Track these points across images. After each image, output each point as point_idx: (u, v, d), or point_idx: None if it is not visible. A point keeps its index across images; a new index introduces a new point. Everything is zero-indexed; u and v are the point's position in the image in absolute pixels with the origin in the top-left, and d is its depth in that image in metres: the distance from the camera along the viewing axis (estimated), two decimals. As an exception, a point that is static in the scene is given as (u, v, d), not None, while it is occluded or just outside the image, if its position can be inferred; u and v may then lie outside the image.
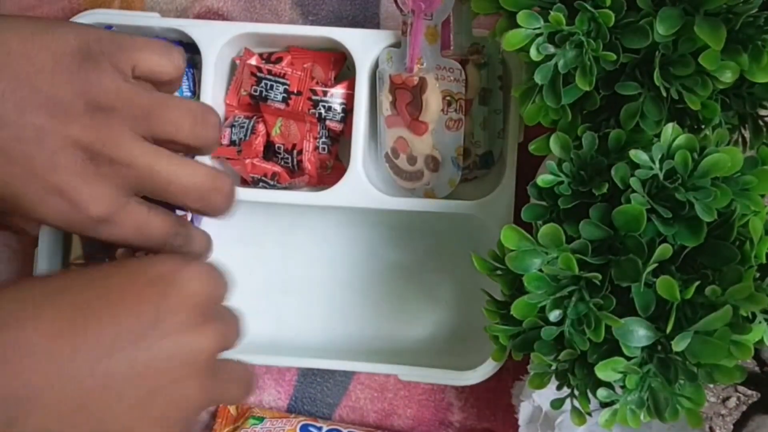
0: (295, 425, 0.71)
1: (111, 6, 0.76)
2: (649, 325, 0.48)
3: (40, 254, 0.72)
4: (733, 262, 0.48)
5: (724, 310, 0.46)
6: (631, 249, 0.49)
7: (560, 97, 0.53)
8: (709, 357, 0.47)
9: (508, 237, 0.50)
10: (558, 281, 0.50)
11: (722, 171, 0.49)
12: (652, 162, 0.49)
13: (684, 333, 0.47)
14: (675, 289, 0.47)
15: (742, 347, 0.47)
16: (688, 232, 0.49)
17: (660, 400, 0.49)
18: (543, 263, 0.50)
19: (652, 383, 0.49)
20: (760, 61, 0.50)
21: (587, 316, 0.49)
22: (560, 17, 0.51)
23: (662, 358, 0.49)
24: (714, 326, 0.46)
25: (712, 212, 0.48)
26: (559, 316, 0.50)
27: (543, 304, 0.50)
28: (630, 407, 0.49)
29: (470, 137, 0.69)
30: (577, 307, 0.49)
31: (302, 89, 0.72)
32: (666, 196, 0.49)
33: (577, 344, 0.49)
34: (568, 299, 0.49)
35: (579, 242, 0.50)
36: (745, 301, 0.46)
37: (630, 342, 0.48)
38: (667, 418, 0.49)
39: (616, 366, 0.48)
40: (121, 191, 0.52)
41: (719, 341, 0.47)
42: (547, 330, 0.50)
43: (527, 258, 0.50)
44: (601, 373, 0.48)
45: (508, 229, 0.51)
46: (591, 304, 0.49)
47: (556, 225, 0.50)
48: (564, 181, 0.52)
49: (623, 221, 0.49)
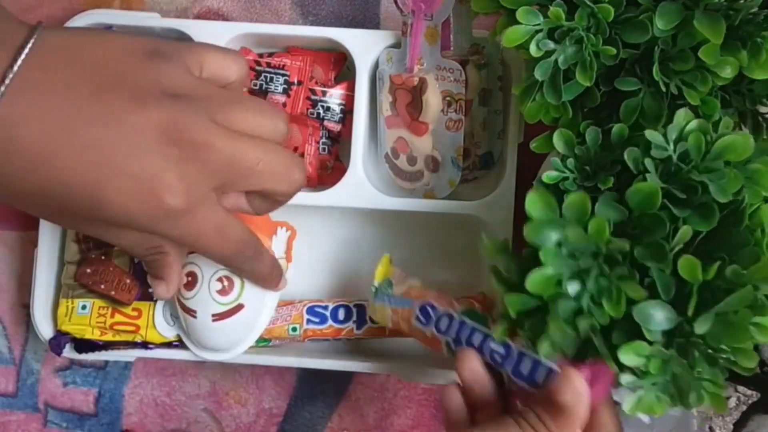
0: (301, 310, 0.71)
1: (111, 6, 0.76)
2: (669, 308, 0.48)
3: (40, 254, 0.72)
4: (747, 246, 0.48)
5: (745, 290, 0.46)
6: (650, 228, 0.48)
7: (561, 94, 0.53)
8: (730, 339, 0.47)
9: (533, 203, 0.49)
10: (576, 258, 0.48)
11: (735, 154, 0.48)
12: (666, 143, 0.49)
13: (705, 315, 0.46)
14: (697, 269, 0.46)
15: (763, 329, 0.47)
16: (701, 216, 0.48)
17: (683, 385, 0.48)
18: (560, 238, 0.48)
19: (675, 368, 0.48)
20: (759, 58, 0.51)
21: (608, 289, 0.47)
22: (560, 13, 0.51)
23: (682, 342, 0.48)
24: (735, 307, 0.46)
25: (726, 193, 0.48)
26: (579, 290, 0.48)
27: (560, 279, 0.48)
28: (655, 393, 0.49)
29: (470, 138, 0.69)
30: (598, 281, 0.48)
31: (302, 79, 0.72)
32: (678, 181, 0.49)
33: (597, 318, 0.48)
34: (587, 273, 0.48)
35: (598, 220, 0.48)
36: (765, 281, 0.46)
37: (650, 326, 0.47)
38: (692, 404, 0.48)
39: (640, 350, 0.47)
40: (204, 180, 0.49)
41: (741, 323, 0.46)
42: (564, 303, 0.48)
43: (546, 229, 0.49)
44: (624, 357, 0.47)
45: (534, 194, 0.49)
46: (613, 277, 0.47)
47: (583, 194, 0.49)
48: (569, 176, 0.52)
49: (638, 201, 0.48)
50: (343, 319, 0.71)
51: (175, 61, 0.51)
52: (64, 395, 0.77)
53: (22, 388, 0.77)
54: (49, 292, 0.72)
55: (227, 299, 0.66)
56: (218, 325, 0.67)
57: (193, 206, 0.50)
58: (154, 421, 0.76)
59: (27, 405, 0.77)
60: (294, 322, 0.70)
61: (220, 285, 0.66)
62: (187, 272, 0.66)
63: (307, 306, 0.71)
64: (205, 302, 0.66)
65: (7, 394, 0.77)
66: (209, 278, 0.66)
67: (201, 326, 0.67)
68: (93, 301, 0.70)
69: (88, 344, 0.70)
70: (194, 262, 0.66)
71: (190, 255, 0.66)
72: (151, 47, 0.51)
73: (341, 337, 0.71)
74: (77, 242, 0.71)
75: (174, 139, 0.48)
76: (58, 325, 0.71)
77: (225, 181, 0.51)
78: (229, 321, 0.67)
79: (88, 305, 0.70)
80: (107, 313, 0.70)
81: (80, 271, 0.70)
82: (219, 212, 0.52)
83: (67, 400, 0.77)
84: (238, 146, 0.50)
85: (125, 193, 0.48)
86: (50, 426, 0.77)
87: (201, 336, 0.68)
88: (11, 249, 0.77)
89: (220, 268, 0.65)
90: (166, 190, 0.48)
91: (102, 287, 0.70)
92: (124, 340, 0.70)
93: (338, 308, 0.71)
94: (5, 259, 0.77)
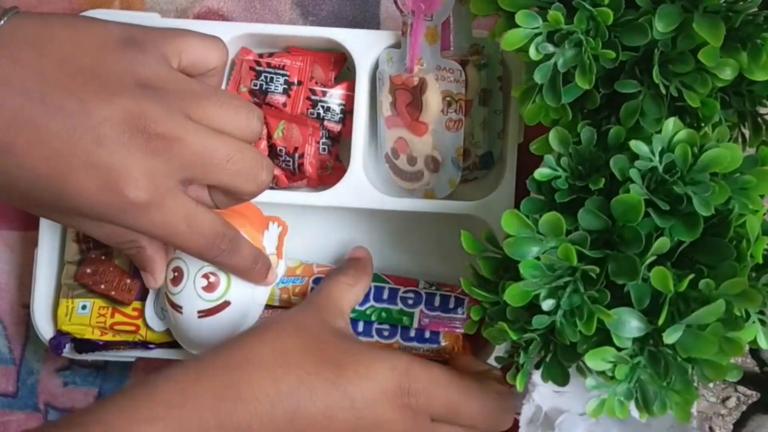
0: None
1: (111, 6, 0.76)
2: (641, 316, 0.48)
3: (40, 254, 0.72)
4: (729, 259, 0.48)
5: (716, 304, 0.46)
6: (628, 240, 0.48)
7: (560, 96, 0.53)
8: (699, 351, 0.47)
9: (509, 222, 0.50)
10: (554, 271, 0.49)
11: (722, 166, 0.49)
12: (652, 154, 0.49)
13: (675, 326, 0.47)
14: (669, 280, 0.47)
15: (734, 344, 0.47)
16: (685, 227, 0.49)
17: (648, 392, 0.49)
18: (540, 252, 0.50)
19: (642, 375, 0.49)
20: (759, 60, 0.51)
21: (580, 308, 0.48)
22: (559, 16, 0.51)
23: (653, 351, 0.48)
24: (706, 320, 0.46)
25: (709, 207, 0.48)
26: (553, 305, 0.49)
27: (537, 293, 0.49)
28: (618, 398, 0.49)
29: (470, 138, 0.69)
30: (572, 298, 0.49)
31: (302, 79, 0.72)
32: (664, 191, 0.49)
33: (568, 335, 0.49)
34: (563, 290, 0.49)
35: (578, 234, 0.50)
36: (739, 297, 0.46)
37: (622, 332, 0.48)
38: (655, 412, 0.49)
39: (606, 355, 0.48)
40: (169, 173, 0.49)
41: (711, 336, 0.46)
42: (538, 318, 0.49)
43: (525, 245, 0.50)
44: (590, 362, 0.48)
45: (510, 214, 0.50)
46: (585, 297, 0.48)
47: (557, 214, 0.50)
48: (561, 175, 0.52)
49: (621, 211, 0.49)
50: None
51: (150, 51, 0.50)
52: (64, 395, 0.77)
53: (22, 388, 0.77)
54: (50, 292, 0.72)
55: (213, 296, 0.66)
56: (204, 322, 0.66)
57: (157, 199, 0.49)
58: (154, 421, 0.76)
59: (27, 405, 0.77)
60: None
61: (206, 281, 0.65)
62: (173, 267, 0.66)
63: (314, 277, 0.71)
64: (190, 298, 0.66)
65: (7, 394, 0.77)
66: (194, 274, 0.65)
67: (187, 322, 0.67)
68: (93, 301, 0.70)
69: (89, 344, 0.70)
70: (180, 257, 0.66)
71: (177, 251, 0.66)
72: (126, 35, 0.50)
73: None
74: (77, 242, 0.71)
75: (140, 130, 0.48)
76: (59, 325, 0.71)
77: (191, 176, 0.51)
78: (216, 318, 0.66)
79: (89, 305, 0.70)
80: (107, 313, 0.70)
81: (80, 271, 0.70)
82: (187, 204, 0.52)
83: (67, 400, 0.77)
84: (208, 142, 0.50)
85: (87, 184, 0.48)
86: (50, 426, 0.77)
87: (188, 332, 0.67)
88: (11, 249, 0.77)
89: (205, 264, 0.64)
90: (128, 183, 0.48)
91: (102, 287, 0.70)
92: (124, 340, 0.70)
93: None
94: (5, 258, 0.77)
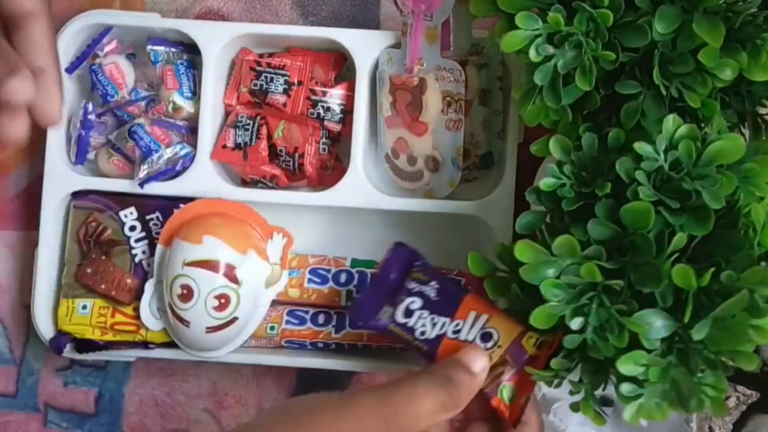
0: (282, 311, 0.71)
1: (111, 6, 0.76)
2: (667, 315, 0.48)
3: (40, 254, 0.72)
4: (743, 249, 0.48)
5: (741, 294, 0.46)
6: (640, 247, 0.48)
7: (560, 98, 0.53)
8: (729, 343, 0.47)
9: (523, 252, 0.50)
10: (575, 287, 0.49)
11: (726, 158, 0.49)
12: (656, 153, 0.49)
13: (703, 321, 0.46)
14: (691, 276, 0.47)
15: (762, 331, 0.47)
16: (696, 221, 0.49)
17: (683, 390, 0.49)
18: (557, 272, 0.50)
19: (674, 374, 0.49)
20: (758, 60, 0.51)
21: (609, 322, 0.48)
22: (558, 18, 0.51)
23: (681, 348, 0.48)
24: (732, 311, 0.46)
25: (719, 199, 0.48)
26: (581, 323, 0.49)
27: (563, 313, 0.49)
28: (655, 400, 0.49)
29: (470, 138, 0.69)
30: (599, 314, 0.49)
31: (303, 79, 0.72)
32: (672, 188, 0.49)
33: (602, 351, 0.49)
34: (589, 306, 0.49)
35: (593, 249, 0.50)
36: (761, 284, 0.46)
37: (649, 335, 0.48)
38: (693, 408, 0.49)
39: (639, 359, 0.48)
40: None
41: (739, 326, 0.47)
42: (570, 338, 0.50)
43: (542, 269, 0.50)
44: (623, 367, 0.48)
45: (523, 245, 0.50)
46: (613, 310, 0.48)
47: (570, 237, 0.50)
48: (566, 183, 0.52)
49: (631, 219, 0.49)
50: (323, 323, 0.71)
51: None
52: (64, 395, 0.77)
53: (23, 388, 0.77)
54: (50, 292, 0.72)
55: (223, 315, 0.67)
56: (210, 335, 0.68)
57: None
58: (154, 420, 0.77)
59: (27, 405, 0.77)
60: (273, 321, 0.71)
61: (217, 302, 0.66)
62: (181, 284, 0.66)
63: (288, 309, 0.71)
64: (200, 316, 0.67)
65: (8, 394, 0.77)
66: (206, 294, 0.66)
67: (192, 335, 0.68)
68: (93, 301, 0.70)
69: (89, 344, 0.70)
70: (191, 277, 0.66)
71: (185, 268, 0.66)
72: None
73: (318, 339, 0.71)
74: (78, 242, 0.71)
75: None
76: (59, 325, 0.71)
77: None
78: (223, 332, 0.68)
79: (89, 305, 0.70)
80: (108, 313, 0.70)
81: (81, 271, 0.70)
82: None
83: (67, 400, 0.77)
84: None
85: None
86: (50, 426, 0.77)
87: (191, 341, 0.69)
88: (12, 249, 0.77)
89: (217, 285, 0.66)
90: None
91: (102, 287, 0.70)
92: (124, 340, 0.71)
93: (318, 313, 0.71)
94: (6, 259, 0.77)
